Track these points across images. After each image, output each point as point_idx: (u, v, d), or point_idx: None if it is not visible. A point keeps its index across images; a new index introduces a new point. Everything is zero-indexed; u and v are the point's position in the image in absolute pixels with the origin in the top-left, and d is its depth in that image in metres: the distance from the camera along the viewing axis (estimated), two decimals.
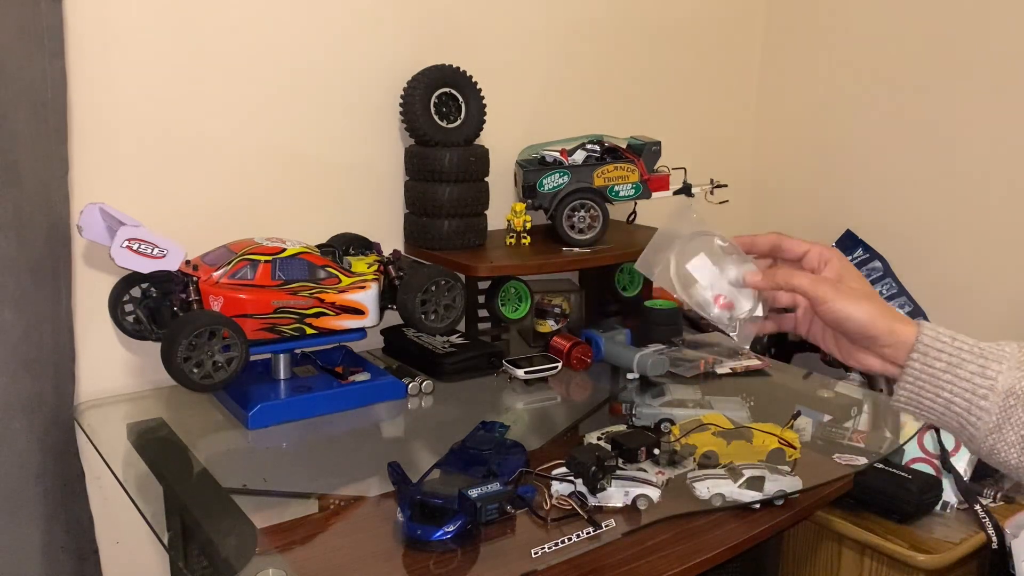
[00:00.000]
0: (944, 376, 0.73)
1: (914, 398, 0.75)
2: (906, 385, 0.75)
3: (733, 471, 1.06)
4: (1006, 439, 0.71)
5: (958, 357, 0.73)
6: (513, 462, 1.06)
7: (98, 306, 1.26)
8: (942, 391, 0.74)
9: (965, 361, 0.73)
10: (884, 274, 1.74)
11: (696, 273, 0.84)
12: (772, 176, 2.18)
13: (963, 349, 0.73)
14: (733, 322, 0.84)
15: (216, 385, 1.14)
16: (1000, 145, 1.71)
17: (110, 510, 1.32)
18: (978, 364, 0.72)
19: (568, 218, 1.56)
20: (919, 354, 0.74)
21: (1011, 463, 0.72)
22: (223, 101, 1.37)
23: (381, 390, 1.30)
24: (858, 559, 1.28)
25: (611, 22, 1.85)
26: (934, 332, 0.75)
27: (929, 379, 0.74)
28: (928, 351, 0.74)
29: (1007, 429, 0.71)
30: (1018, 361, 0.72)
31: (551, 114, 1.78)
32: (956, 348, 0.73)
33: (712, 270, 0.84)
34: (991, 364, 0.72)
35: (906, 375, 0.75)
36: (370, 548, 0.92)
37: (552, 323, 1.63)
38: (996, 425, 0.71)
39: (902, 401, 0.77)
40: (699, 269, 0.84)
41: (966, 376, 0.73)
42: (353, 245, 1.43)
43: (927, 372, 0.74)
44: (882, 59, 1.89)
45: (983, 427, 0.72)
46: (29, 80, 1.13)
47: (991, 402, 0.71)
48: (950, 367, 0.73)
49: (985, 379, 0.72)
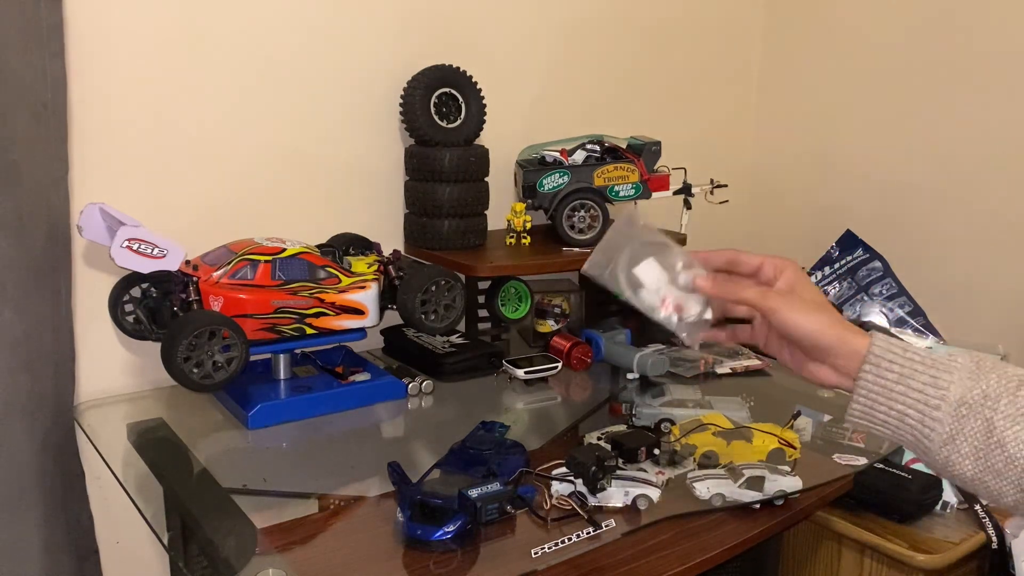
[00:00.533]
0: (897, 388, 0.72)
1: (868, 412, 0.74)
2: (859, 399, 0.74)
3: (733, 471, 1.06)
4: (960, 450, 0.70)
5: (910, 368, 0.72)
6: (513, 462, 1.06)
7: (98, 306, 1.26)
8: (895, 403, 0.72)
9: (917, 372, 0.71)
10: (884, 274, 1.73)
11: (644, 277, 0.84)
12: (772, 176, 2.18)
13: (915, 360, 0.72)
14: (681, 324, 0.84)
15: (216, 385, 1.14)
16: (1000, 145, 1.71)
17: (110, 510, 1.32)
18: (930, 375, 0.71)
19: (568, 218, 1.56)
20: (871, 365, 0.73)
21: (966, 475, 0.70)
22: (223, 101, 1.37)
23: (381, 390, 1.30)
24: (858, 559, 1.28)
25: (611, 22, 1.85)
26: (886, 343, 0.73)
27: (882, 391, 0.72)
28: (880, 362, 0.72)
29: (960, 440, 0.70)
30: (970, 371, 0.70)
31: (551, 114, 1.78)
32: (908, 359, 0.72)
33: (660, 274, 0.84)
34: (943, 375, 0.71)
35: (859, 387, 0.73)
36: (370, 548, 0.92)
37: (552, 323, 1.63)
38: (950, 436, 0.70)
39: (856, 415, 0.75)
40: (647, 272, 0.84)
41: (918, 387, 0.71)
42: (353, 245, 1.43)
43: (879, 383, 0.72)
44: (882, 59, 1.89)
45: (937, 439, 0.70)
46: (29, 80, 1.13)
47: (944, 412, 0.70)
48: (902, 378, 0.72)
49: (937, 389, 0.70)
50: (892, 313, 1.67)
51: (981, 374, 0.70)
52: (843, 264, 1.75)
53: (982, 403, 0.69)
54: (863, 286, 1.72)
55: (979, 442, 0.69)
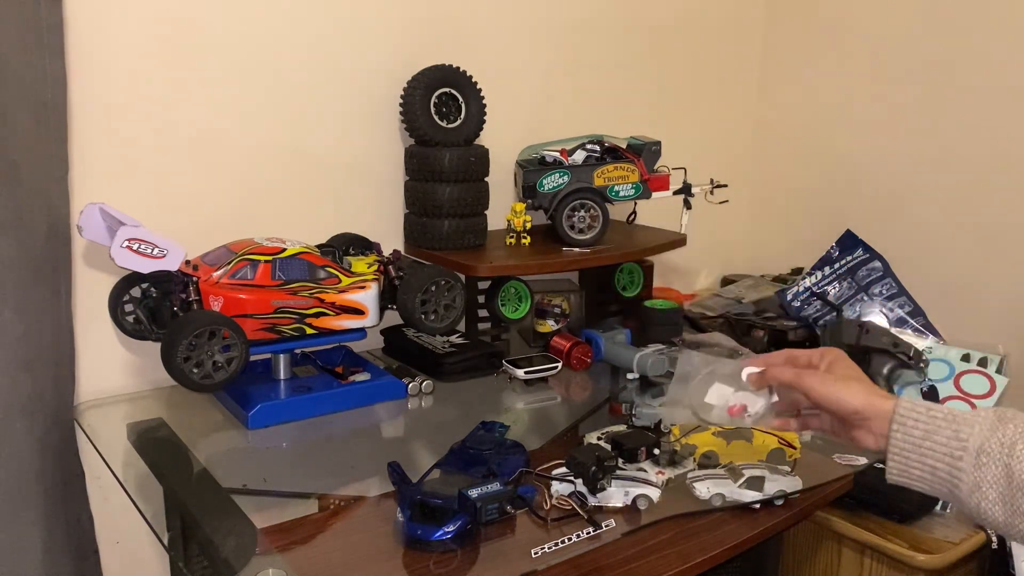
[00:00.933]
0: (924, 444, 0.78)
1: (904, 469, 0.80)
2: (894, 457, 0.80)
3: (733, 471, 1.06)
4: (987, 497, 0.74)
5: (933, 425, 0.78)
6: (513, 462, 1.06)
7: (98, 306, 1.26)
8: (926, 458, 0.78)
9: (940, 428, 0.78)
10: (884, 274, 1.73)
11: (713, 401, 0.96)
12: (772, 176, 2.18)
13: (937, 417, 0.78)
14: (750, 420, 0.95)
15: (216, 385, 1.14)
16: (1000, 145, 1.71)
17: (110, 510, 1.32)
18: (952, 429, 0.77)
19: (568, 218, 1.56)
20: (898, 424, 0.80)
21: (999, 521, 0.75)
22: (223, 101, 1.37)
23: (381, 390, 1.30)
24: (858, 559, 1.28)
25: (611, 22, 1.85)
26: (909, 403, 0.80)
27: (912, 448, 0.79)
28: (905, 421, 0.79)
29: (985, 487, 0.74)
30: (991, 423, 0.76)
31: (551, 114, 1.78)
32: (931, 417, 0.79)
33: (725, 390, 0.96)
34: (963, 428, 0.77)
35: (891, 446, 0.80)
36: (370, 548, 0.92)
37: (552, 323, 1.63)
38: (975, 484, 0.75)
39: (894, 473, 0.81)
40: (715, 397, 0.96)
41: (943, 441, 0.77)
42: (353, 245, 1.43)
43: (908, 441, 0.79)
44: (882, 58, 1.89)
45: (964, 488, 0.76)
46: (29, 80, 1.13)
47: (966, 462, 0.75)
48: (928, 434, 0.78)
49: (959, 441, 0.76)
50: (892, 313, 1.67)
51: (1000, 424, 0.75)
52: (843, 264, 1.75)
53: (999, 450, 0.74)
54: (863, 286, 1.72)
55: (1003, 488, 0.73)
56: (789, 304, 1.73)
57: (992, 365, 1.38)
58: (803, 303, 1.72)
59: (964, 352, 1.42)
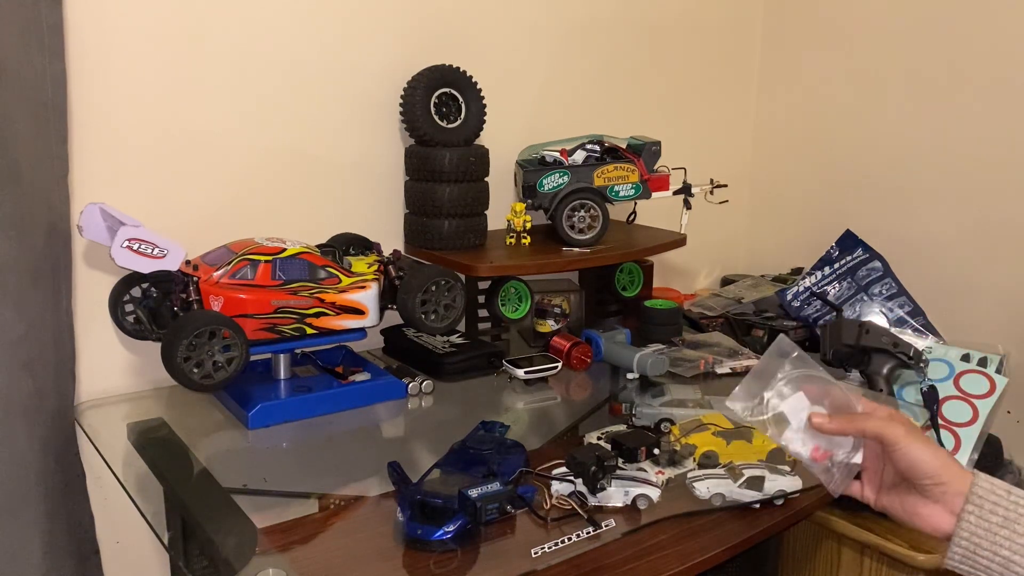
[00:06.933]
0: (1001, 532, 0.69)
1: (969, 556, 0.71)
2: (961, 541, 0.71)
3: (733, 471, 1.06)
4: None
5: (1016, 512, 0.69)
6: (513, 462, 1.06)
7: (98, 306, 1.26)
8: (1001, 548, 0.69)
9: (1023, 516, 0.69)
10: (884, 274, 1.73)
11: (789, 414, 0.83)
12: (772, 176, 2.18)
13: (1020, 503, 0.69)
14: (830, 472, 0.83)
15: (216, 385, 1.14)
16: (1000, 145, 1.71)
17: (110, 510, 1.32)
18: None
19: (568, 218, 1.56)
20: (974, 506, 0.70)
21: None
22: (223, 101, 1.37)
23: (381, 390, 1.30)
24: (858, 559, 1.28)
25: (610, 22, 1.85)
26: (989, 483, 0.71)
27: (986, 534, 0.70)
28: (983, 503, 0.70)
29: None
30: None
31: (551, 114, 1.78)
32: (1012, 502, 0.69)
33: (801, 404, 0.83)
34: None
35: (961, 529, 0.71)
36: (370, 548, 0.92)
37: (552, 323, 1.63)
38: None
39: (956, 559, 0.72)
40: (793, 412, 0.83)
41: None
42: (353, 245, 1.43)
43: (983, 527, 0.70)
44: (881, 58, 1.89)
45: None
46: (29, 80, 1.13)
47: None
48: (1007, 522, 0.69)
49: None
50: (892, 313, 1.67)
51: None
52: (843, 264, 1.75)
53: None
54: (863, 286, 1.72)
55: None
56: (789, 304, 1.73)
57: (992, 365, 1.38)
58: (803, 303, 1.72)
59: (964, 352, 1.42)
